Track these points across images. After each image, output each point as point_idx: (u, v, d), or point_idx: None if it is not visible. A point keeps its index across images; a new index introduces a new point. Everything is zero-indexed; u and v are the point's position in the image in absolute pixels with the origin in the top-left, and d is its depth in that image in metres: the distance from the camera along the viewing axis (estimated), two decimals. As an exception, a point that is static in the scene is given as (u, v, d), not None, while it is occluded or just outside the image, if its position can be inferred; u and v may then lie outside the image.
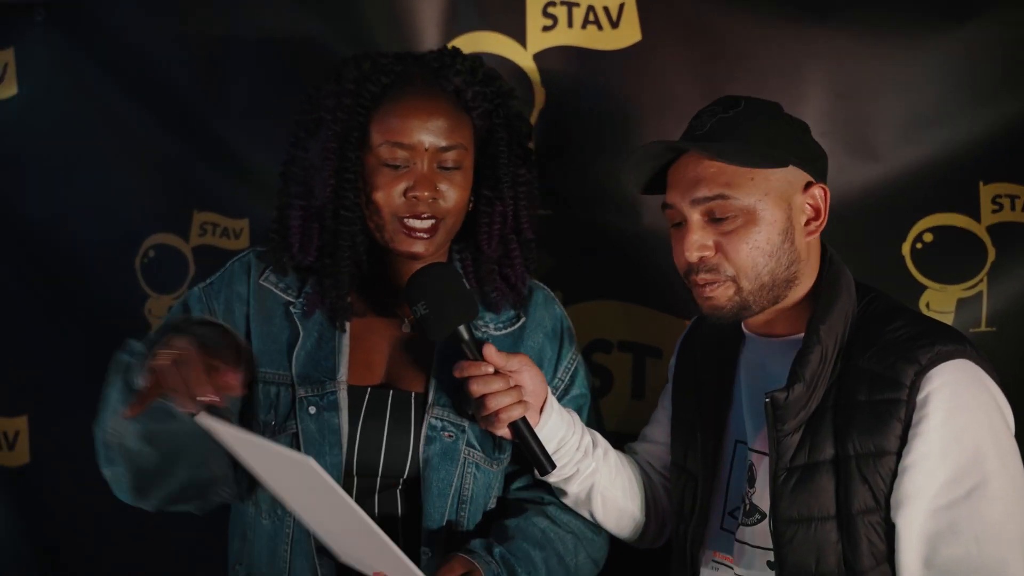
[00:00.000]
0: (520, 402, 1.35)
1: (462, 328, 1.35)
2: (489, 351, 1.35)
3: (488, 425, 1.37)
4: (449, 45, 1.83)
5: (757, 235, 1.27)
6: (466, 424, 1.44)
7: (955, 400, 1.20)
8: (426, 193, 1.40)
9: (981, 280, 1.70)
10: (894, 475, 1.21)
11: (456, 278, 1.39)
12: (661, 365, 1.85)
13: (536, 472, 1.39)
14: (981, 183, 1.70)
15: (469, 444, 1.44)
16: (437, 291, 1.35)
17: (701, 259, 1.29)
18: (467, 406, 1.41)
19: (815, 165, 1.33)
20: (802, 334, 1.29)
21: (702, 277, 1.30)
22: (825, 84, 1.74)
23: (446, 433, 1.42)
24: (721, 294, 1.30)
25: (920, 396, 1.20)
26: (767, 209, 1.27)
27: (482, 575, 1.32)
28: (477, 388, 1.35)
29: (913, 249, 1.73)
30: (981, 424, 1.20)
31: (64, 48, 2.01)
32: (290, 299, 1.47)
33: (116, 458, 1.36)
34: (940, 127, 1.70)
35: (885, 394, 1.22)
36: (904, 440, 1.20)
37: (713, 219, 1.29)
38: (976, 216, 1.71)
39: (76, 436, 2.04)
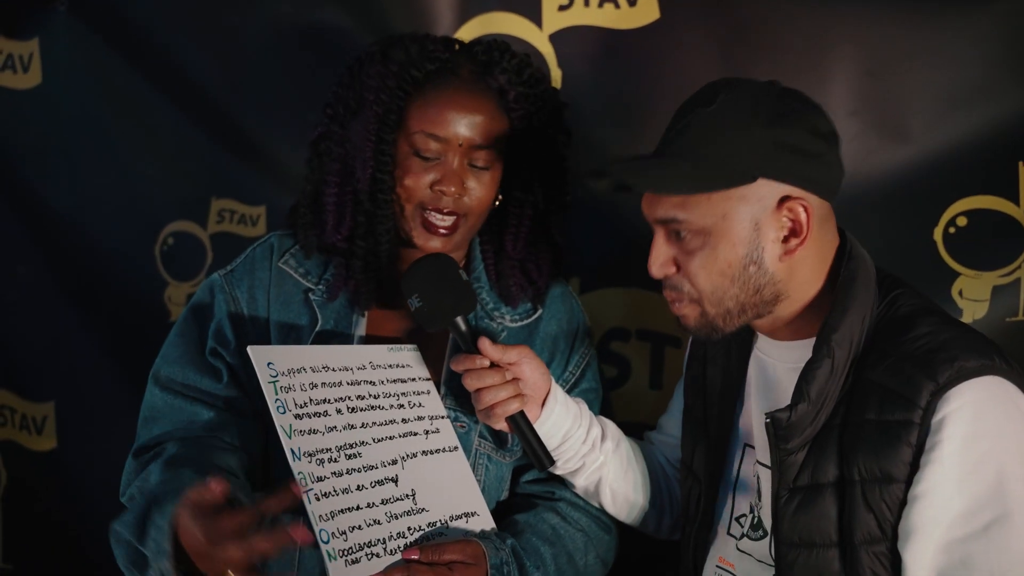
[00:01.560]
0: (517, 396, 1.31)
1: (458, 320, 1.32)
2: (484, 344, 1.31)
3: (485, 419, 1.34)
4: (464, 27, 1.83)
5: (715, 259, 1.18)
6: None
7: (977, 424, 1.08)
8: (452, 188, 1.38)
9: (1019, 266, 1.61)
10: (902, 504, 1.10)
11: (452, 269, 1.36)
12: (679, 354, 1.80)
13: (536, 467, 1.36)
14: (1021, 164, 1.61)
15: (481, 435, 1.42)
16: (431, 283, 1.33)
17: (665, 275, 1.24)
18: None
19: (796, 173, 1.17)
20: (811, 339, 1.19)
21: (668, 293, 1.25)
22: (853, 61, 1.66)
23: (458, 424, 1.40)
24: (688, 313, 1.24)
25: (935, 419, 1.08)
26: (727, 229, 1.17)
27: (488, 558, 1.28)
28: (472, 382, 1.31)
29: (946, 234, 1.65)
30: (1007, 451, 1.08)
31: (86, 38, 2.03)
32: (310, 285, 1.46)
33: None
34: (976, 105, 1.62)
35: (896, 414, 1.11)
36: (915, 467, 1.09)
37: (676, 236, 1.21)
38: (1015, 199, 1.62)
39: (102, 421, 2.10)
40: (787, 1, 1.67)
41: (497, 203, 1.47)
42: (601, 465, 1.41)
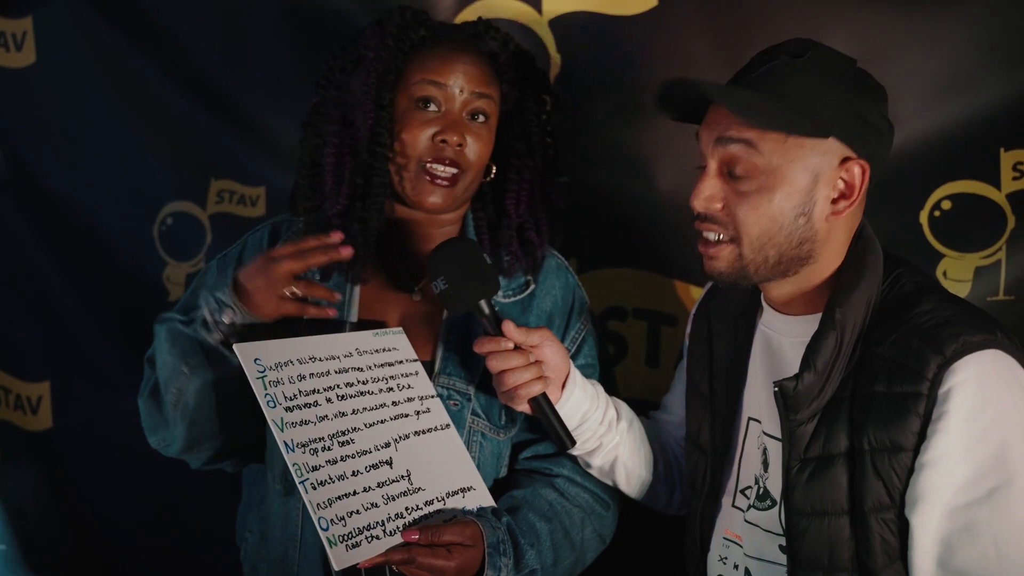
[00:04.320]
0: (540, 378, 1.32)
1: (482, 303, 1.34)
2: (508, 327, 1.32)
3: (508, 401, 1.36)
4: (465, 11, 1.85)
5: (770, 203, 1.18)
6: (472, 392, 1.44)
7: (981, 395, 1.11)
8: (455, 138, 1.41)
9: (1000, 248, 1.67)
10: (910, 472, 1.14)
11: (476, 253, 1.38)
12: (676, 333, 1.85)
13: (557, 447, 1.39)
14: (1002, 150, 1.67)
15: (475, 413, 1.44)
16: (457, 266, 1.34)
17: (707, 210, 1.23)
18: (474, 376, 1.42)
19: (864, 143, 1.20)
20: (818, 314, 1.22)
21: (706, 225, 1.24)
22: (845, 47, 1.62)
23: (451, 401, 1.42)
24: (723, 256, 1.23)
25: (942, 390, 1.12)
26: (790, 176, 1.18)
27: (485, 537, 1.30)
28: (496, 364, 1.32)
29: (931, 217, 1.70)
30: (1009, 421, 1.11)
31: (81, 16, 2.02)
32: None
33: (174, 419, 1.42)
34: (962, 93, 1.67)
35: (904, 386, 1.14)
36: (922, 436, 1.13)
37: (731, 175, 1.21)
38: (996, 183, 1.67)
39: (97, 401, 2.10)
40: (782, -10, 1.71)
41: (491, 176, 1.51)
42: (617, 445, 1.44)
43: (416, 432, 1.34)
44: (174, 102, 2.00)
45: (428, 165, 1.42)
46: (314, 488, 1.19)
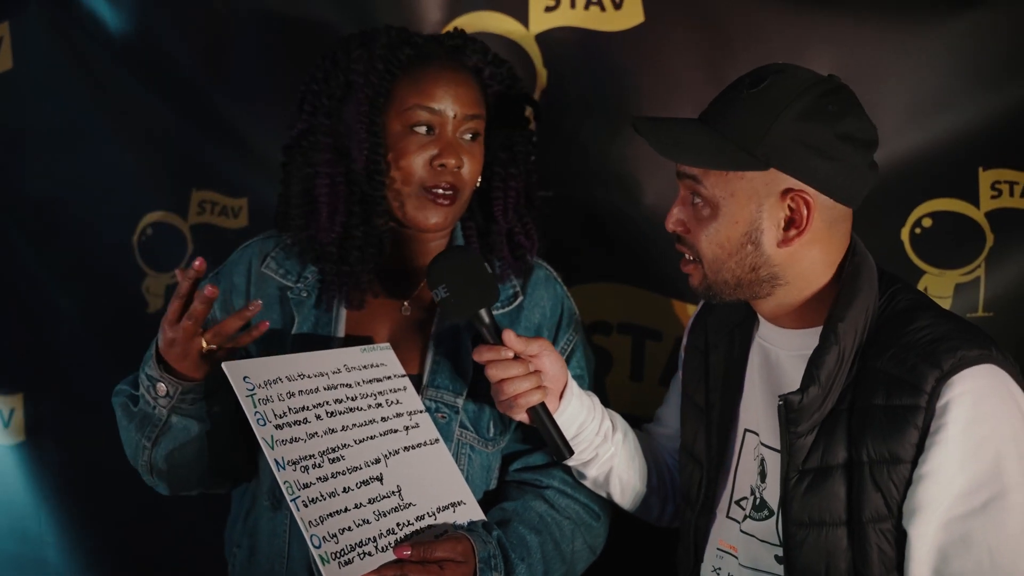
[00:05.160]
0: (539, 388, 1.33)
1: (483, 312, 1.35)
2: (509, 336, 1.33)
3: (506, 410, 1.36)
4: (451, 25, 1.85)
5: (716, 230, 1.24)
6: (460, 405, 1.44)
7: (977, 408, 1.14)
8: (452, 161, 1.42)
9: (979, 265, 1.71)
10: (908, 483, 1.16)
11: (477, 262, 1.38)
12: (660, 348, 1.86)
13: (554, 457, 1.39)
14: (981, 169, 1.71)
15: (463, 425, 1.44)
16: (458, 274, 1.35)
17: (675, 232, 1.30)
18: (463, 389, 1.42)
19: (811, 172, 1.20)
20: (816, 327, 1.24)
21: (679, 246, 1.31)
22: (828, 68, 1.65)
23: (440, 414, 1.42)
24: (694, 275, 1.30)
25: (940, 403, 1.14)
26: (732, 207, 1.22)
27: (476, 553, 1.31)
28: (495, 373, 1.33)
29: (912, 234, 1.73)
30: (1004, 435, 1.15)
31: (60, 22, 1.99)
32: (288, 283, 1.48)
33: (153, 481, 1.46)
34: (942, 112, 1.70)
35: (903, 399, 1.16)
36: (920, 448, 1.15)
37: (692, 198, 1.27)
38: (975, 202, 1.71)
39: (72, 414, 2.06)
40: (768, 11, 1.74)
41: (477, 186, 1.51)
42: (612, 456, 1.44)
43: (406, 447, 1.34)
44: (155, 110, 1.98)
45: (429, 188, 1.43)
46: (305, 506, 1.19)
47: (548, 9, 1.84)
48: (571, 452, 1.36)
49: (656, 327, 1.86)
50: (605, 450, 1.44)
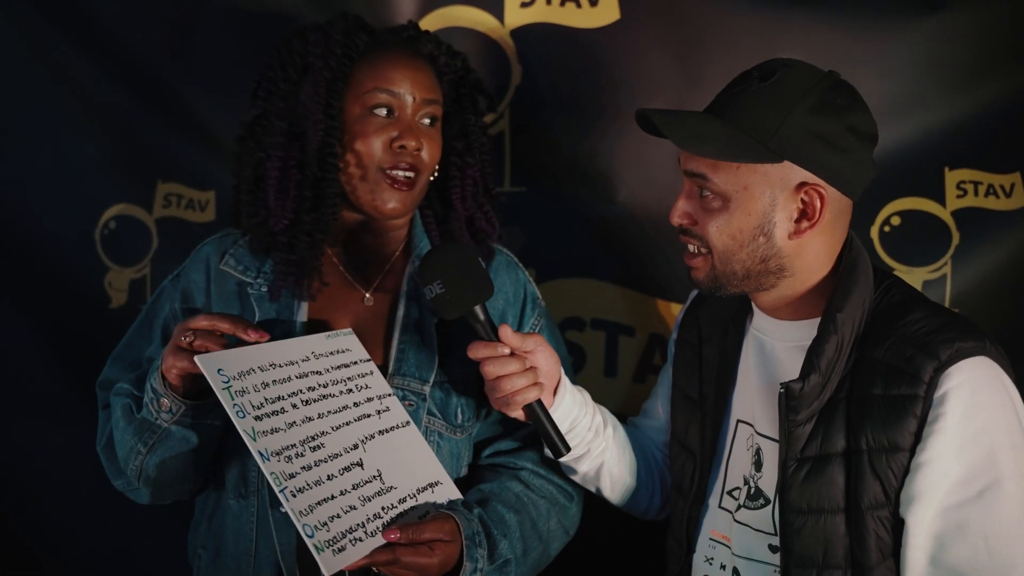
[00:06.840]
0: (535, 384, 1.33)
1: (477, 308, 1.33)
2: (506, 332, 1.32)
3: (503, 407, 1.35)
4: (426, 18, 1.84)
5: (728, 222, 1.25)
6: (427, 392, 1.44)
7: (974, 399, 1.17)
8: (412, 143, 1.42)
9: (946, 263, 1.75)
10: (906, 471, 1.18)
11: (471, 257, 1.37)
12: (634, 343, 1.87)
13: (549, 453, 1.38)
14: (947, 169, 1.75)
15: (430, 413, 1.44)
16: (452, 270, 1.33)
17: (681, 225, 1.31)
18: (429, 376, 1.43)
19: (824, 165, 1.23)
20: (812, 319, 1.26)
21: (686, 238, 1.31)
22: None
23: (407, 402, 1.42)
24: (701, 267, 1.30)
25: (938, 393, 1.17)
26: (745, 200, 1.24)
27: (462, 530, 1.30)
28: (492, 370, 1.31)
29: (881, 232, 1.77)
30: (998, 424, 1.17)
31: (21, 11, 1.93)
32: (248, 279, 1.47)
33: (140, 491, 1.44)
34: (910, 113, 1.74)
35: (902, 389, 1.19)
36: (918, 437, 1.18)
37: (699, 192, 1.28)
38: (942, 201, 1.75)
39: (33, 415, 1.98)
40: (741, 10, 1.76)
41: (435, 176, 1.52)
42: (603, 450, 1.44)
43: (380, 431, 1.34)
44: (118, 100, 1.92)
45: (388, 171, 1.42)
46: (294, 496, 1.17)
47: (524, 5, 1.84)
48: (568, 448, 1.36)
49: (629, 323, 1.87)
50: (596, 445, 1.44)
